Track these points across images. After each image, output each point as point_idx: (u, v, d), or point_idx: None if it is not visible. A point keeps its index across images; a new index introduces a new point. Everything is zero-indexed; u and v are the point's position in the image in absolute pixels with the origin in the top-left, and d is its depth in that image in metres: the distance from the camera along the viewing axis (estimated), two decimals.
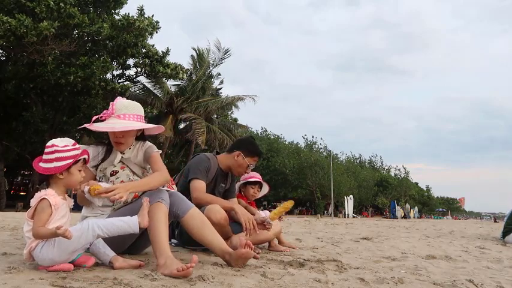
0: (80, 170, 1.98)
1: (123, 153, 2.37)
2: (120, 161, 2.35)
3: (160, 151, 2.48)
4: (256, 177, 3.49)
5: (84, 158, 2.01)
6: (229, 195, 3.27)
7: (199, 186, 2.88)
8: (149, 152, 2.37)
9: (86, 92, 15.74)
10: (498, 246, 5.05)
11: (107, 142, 2.39)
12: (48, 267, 1.83)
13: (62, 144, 1.95)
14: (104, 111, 2.29)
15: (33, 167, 1.98)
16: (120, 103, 2.29)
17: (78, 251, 1.86)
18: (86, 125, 2.23)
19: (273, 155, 35.75)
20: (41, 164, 1.94)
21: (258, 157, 3.19)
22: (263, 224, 2.99)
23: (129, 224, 1.91)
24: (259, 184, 3.50)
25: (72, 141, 2.01)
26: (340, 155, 46.91)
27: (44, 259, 1.82)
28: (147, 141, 2.46)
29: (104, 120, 2.27)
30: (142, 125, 2.31)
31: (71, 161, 1.92)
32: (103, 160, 2.34)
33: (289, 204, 3.09)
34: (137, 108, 2.33)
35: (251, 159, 3.12)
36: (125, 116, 2.26)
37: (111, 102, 2.31)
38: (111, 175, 2.29)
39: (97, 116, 2.28)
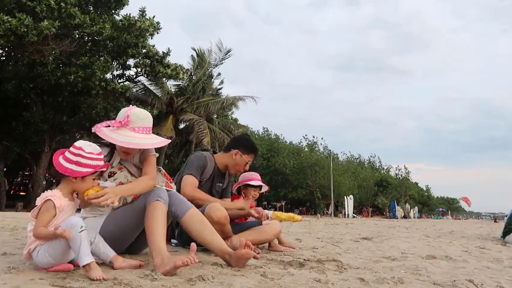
0: (94, 179, 1.95)
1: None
2: (119, 162, 2.34)
3: (158, 154, 2.47)
4: (257, 178, 3.43)
5: (102, 170, 1.99)
6: (225, 195, 3.29)
7: (191, 181, 2.88)
8: (147, 153, 2.33)
9: (86, 92, 15.72)
10: (498, 246, 5.05)
11: (110, 144, 2.32)
12: (48, 267, 1.83)
13: (87, 150, 1.93)
14: (118, 121, 2.18)
15: (53, 159, 1.94)
16: (135, 115, 2.20)
17: (71, 251, 1.82)
18: (98, 132, 2.13)
19: (273, 155, 35.75)
20: (61, 160, 1.91)
21: (254, 154, 3.19)
22: (259, 214, 2.99)
23: (81, 255, 1.73)
24: (260, 186, 3.45)
25: (99, 150, 1.98)
26: (341, 155, 46.99)
27: (42, 261, 1.82)
28: None
29: (114, 127, 2.17)
30: (157, 143, 2.25)
31: (90, 170, 1.89)
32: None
33: (297, 218, 3.17)
34: (150, 119, 2.28)
35: (248, 156, 3.12)
36: (139, 129, 2.19)
37: (125, 112, 2.21)
38: (109, 176, 2.27)
39: (108, 122, 2.18)
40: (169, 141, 2.62)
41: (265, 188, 3.50)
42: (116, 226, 2.19)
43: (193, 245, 1.93)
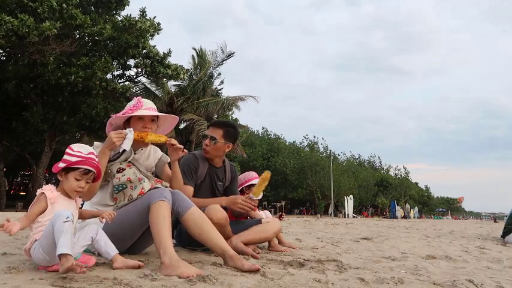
0: (78, 180, 1.91)
1: (135, 153, 2.46)
2: (127, 160, 2.40)
3: (169, 160, 2.66)
4: (256, 176, 3.59)
5: (89, 170, 1.94)
6: (232, 194, 3.21)
7: (185, 192, 2.85)
8: (164, 160, 2.65)
9: (86, 92, 15.72)
10: (498, 246, 5.06)
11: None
12: (47, 267, 1.83)
13: (76, 149, 1.96)
14: (133, 105, 2.38)
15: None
16: (144, 100, 2.44)
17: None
18: (128, 114, 2.34)
19: (273, 155, 35.77)
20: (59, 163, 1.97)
21: (208, 127, 3.15)
22: (247, 202, 2.92)
23: (59, 244, 1.67)
24: None
25: (90, 150, 2.00)
26: (341, 155, 47.06)
27: (38, 258, 1.82)
28: (158, 148, 2.68)
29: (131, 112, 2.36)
30: (175, 117, 2.66)
31: (64, 165, 1.92)
32: (115, 159, 2.36)
33: (265, 174, 2.96)
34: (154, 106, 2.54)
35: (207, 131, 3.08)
36: (151, 109, 2.43)
37: (136, 98, 2.42)
38: (118, 172, 2.32)
39: (123, 112, 2.38)
40: (177, 118, 2.82)
41: None
42: (118, 226, 2.20)
43: (200, 271, 1.93)
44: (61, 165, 1.92)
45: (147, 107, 2.40)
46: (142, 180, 2.33)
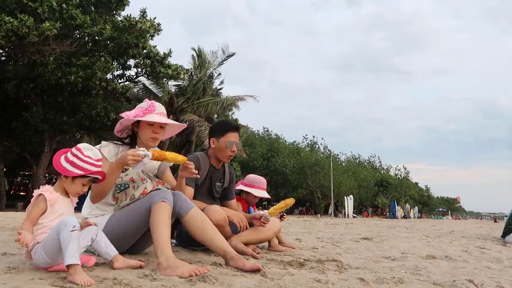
0: (84, 185, 1.96)
1: None
2: None
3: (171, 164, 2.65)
4: (261, 187, 3.49)
5: (97, 178, 2.00)
6: (229, 195, 3.24)
7: (186, 193, 2.86)
8: (166, 164, 2.61)
9: (86, 92, 15.71)
10: (498, 246, 5.06)
11: (128, 141, 2.45)
12: (47, 267, 1.83)
13: (86, 153, 1.95)
14: (145, 108, 2.34)
15: (54, 156, 1.98)
16: (157, 104, 2.42)
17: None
18: (138, 118, 2.30)
19: (273, 155, 35.74)
20: (61, 158, 1.95)
21: (231, 131, 2.96)
22: (260, 220, 2.95)
23: (66, 255, 1.67)
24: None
25: (99, 156, 2.01)
26: (341, 155, 47.05)
27: (39, 261, 1.82)
28: None
29: (143, 115, 2.34)
30: (183, 125, 2.66)
31: (80, 173, 1.92)
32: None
33: (290, 201, 3.01)
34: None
35: (224, 137, 2.95)
36: (164, 114, 2.42)
37: (147, 102, 2.38)
38: (121, 171, 2.31)
39: (134, 111, 2.34)
40: (185, 126, 2.81)
41: (266, 196, 3.53)
42: (119, 227, 2.21)
43: (208, 267, 1.98)
44: (77, 171, 1.91)
45: (158, 112, 2.38)
46: (145, 181, 2.35)
